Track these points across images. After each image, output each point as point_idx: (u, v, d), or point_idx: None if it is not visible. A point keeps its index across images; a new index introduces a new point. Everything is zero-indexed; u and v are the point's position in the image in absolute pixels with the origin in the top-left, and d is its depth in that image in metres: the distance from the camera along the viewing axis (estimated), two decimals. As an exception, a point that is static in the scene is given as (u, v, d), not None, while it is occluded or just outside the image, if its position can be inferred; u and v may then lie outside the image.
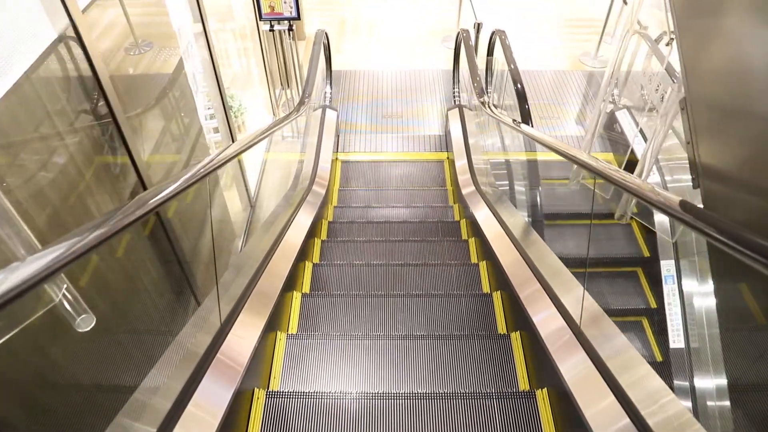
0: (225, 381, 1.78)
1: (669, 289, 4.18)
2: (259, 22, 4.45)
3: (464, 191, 3.81)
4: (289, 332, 2.60)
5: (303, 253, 3.13)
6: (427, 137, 5.32)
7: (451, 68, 6.37)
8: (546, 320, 2.11)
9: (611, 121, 5.28)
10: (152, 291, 2.20)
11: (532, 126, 3.62)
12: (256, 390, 2.07)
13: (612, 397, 1.57)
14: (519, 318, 2.42)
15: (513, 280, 2.52)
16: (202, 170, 1.82)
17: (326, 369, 2.34)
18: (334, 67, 6.35)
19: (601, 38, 6.42)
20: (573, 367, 1.83)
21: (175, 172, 2.85)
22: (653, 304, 4.22)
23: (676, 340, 4.13)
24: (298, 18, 4.36)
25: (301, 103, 3.52)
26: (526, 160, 3.52)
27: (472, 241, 3.44)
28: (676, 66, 4.38)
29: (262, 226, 3.60)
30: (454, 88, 5.49)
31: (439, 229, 3.72)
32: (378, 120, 5.56)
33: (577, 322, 1.87)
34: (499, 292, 2.80)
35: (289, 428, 1.98)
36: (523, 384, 2.26)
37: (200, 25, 3.23)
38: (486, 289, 3.02)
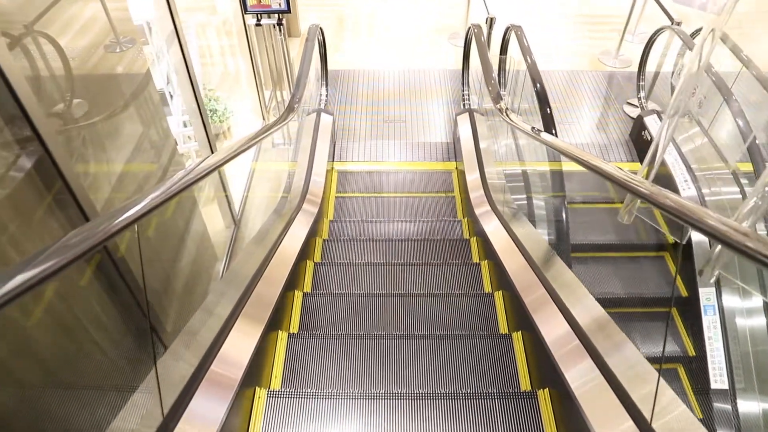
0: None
1: (709, 321, 3.74)
2: (244, 15, 4.03)
3: (478, 211, 3.38)
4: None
5: (291, 282, 2.71)
6: (433, 145, 4.89)
7: (459, 68, 5.94)
8: (590, 392, 1.68)
9: (638, 127, 4.85)
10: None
11: (556, 134, 3.21)
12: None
13: None
14: (548, 373, 1.99)
15: (541, 328, 2.09)
16: (162, 193, 1.41)
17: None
18: (331, 67, 5.93)
19: (623, 36, 5.99)
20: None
21: (131, 193, 2.42)
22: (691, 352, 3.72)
23: (718, 380, 3.67)
24: (288, 11, 3.94)
25: (289, 109, 3.10)
26: (552, 175, 3.08)
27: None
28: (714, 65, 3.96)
29: (243, 252, 3.16)
30: (463, 90, 5.06)
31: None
32: (379, 125, 5.13)
33: (648, 419, 1.43)
34: (520, 332, 2.37)
35: None
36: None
37: (171, 19, 2.81)
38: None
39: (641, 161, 4.87)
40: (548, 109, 3.31)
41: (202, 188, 4.37)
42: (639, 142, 4.86)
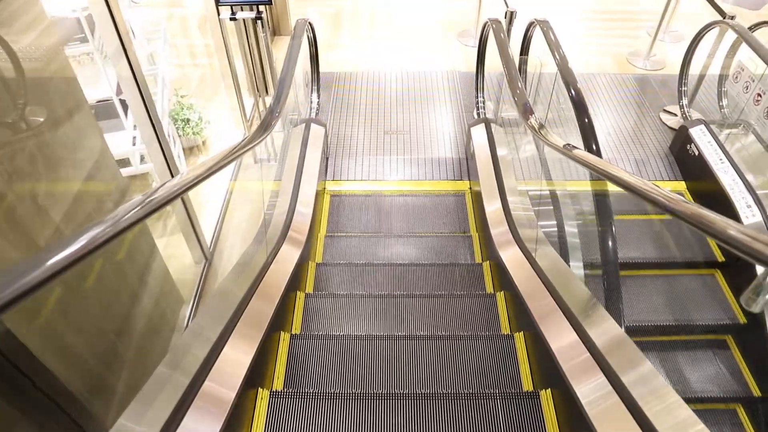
0: None
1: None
2: (218, 7, 3.41)
3: (504, 254, 2.74)
4: None
5: (255, 374, 2.08)
6: (442, 161, 4.26)
7: (471, 70, 5.31)
8: None
9: (682, 140, 4.22)
10: None
11: (599, 150, 2.59)
12: None
13: None
14: None
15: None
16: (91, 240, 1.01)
17: None
18: (325, 69, 5.30)
19: (656, 34, 5.36)
20: None
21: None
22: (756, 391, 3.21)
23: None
24: (269, 2, 3.31)
25: (265, 126, 2.47)
26: (600, 211, 2.45)
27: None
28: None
29: (198, 321, 2.51)
30: (477, 97, 4.44)
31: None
32: (379, 137, 4.50)
33: None
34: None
35: None
36: None
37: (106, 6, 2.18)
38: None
39: (685, 178, 4.25)
40: (586, 119, 2.70)
41: (168, 213, 3.74)
42: (683, 158, 4.22)
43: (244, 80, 4.13)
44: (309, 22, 3.81)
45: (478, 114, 4.40)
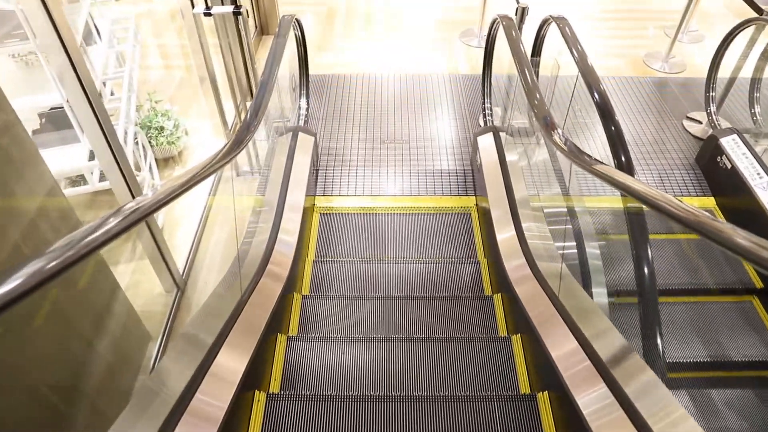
0: None
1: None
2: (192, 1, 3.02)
3: (520, 290, 2.35)
4: None
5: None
6: (446, 173, 3.88)
7: (476, 72, 4.94)
8: None
9: (711, 151, 3.85)
10: None
11: (630, 165, 2.25)
12: None
13: None
14: None
15: None
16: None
17: None
18: (316, 72, 4.92)
19: (676, 34, 5.00)
20: None
21: None
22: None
23: None
24: (249, -4, 2.93)
25: (237, 142, 2.08)
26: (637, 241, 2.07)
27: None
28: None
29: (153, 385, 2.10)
30: (483, 103, 4.06)
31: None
32: (375, 148, 4.12)
33: None
34: None
35: None
36: None
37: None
38: None
39: (715, 193, 3.88)
40: (613, 127, 2.36)
41: (138, 233, 3.35)
42: (712, 170, 3.85)
43: (224, 84, 3.74)
44: (296, 19, 3.43)
45: (485, 121, 4.02)
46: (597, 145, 4.09)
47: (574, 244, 2.36)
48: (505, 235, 2.80)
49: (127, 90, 3.11)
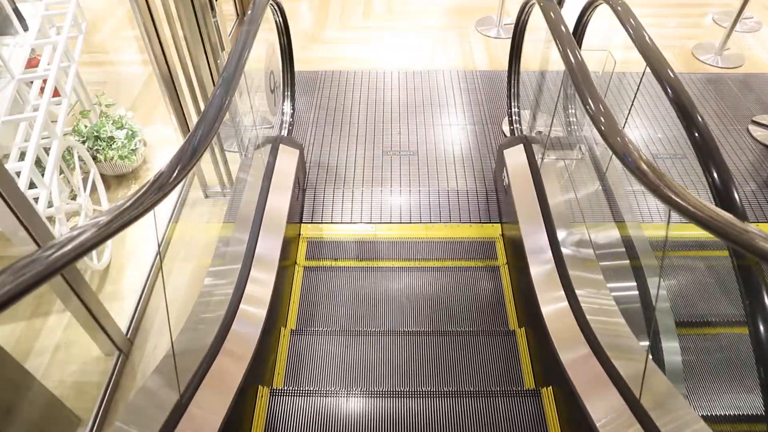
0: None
1: None
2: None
3: (589, 402, 1.64)
4: None
5: None
6: (463, 194, 3.19)
7: (496, 68, 4.25)
8: None
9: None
10: None
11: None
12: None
13: None
14: None
15: None
16: None
17: None
18: (306, 67, 4.23)
19: (734, 24, 4.28)
20: None
21: None
22: None
23: None
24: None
25: (170, 172, 1.39)
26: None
27: None
28: None
29: None
30: (510, 106, 3.35)
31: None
32: (375, 161, 3.42)
33: None
34: None
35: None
36: None
37: None
38: None
39: (796, 219, 3.17)
40: (698, 136, 1.74)
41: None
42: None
43: (186, 82, 3.04)
44: (276, 2, 2.73)
45: (513, 129, 3.31)
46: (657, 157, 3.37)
47: (670, 327, 1.67)
48: (551, 305, 2.09)
49: (50, 93, 2.42)
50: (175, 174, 1.44)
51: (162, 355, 1.87)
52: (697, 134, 1.80)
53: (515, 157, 2.92)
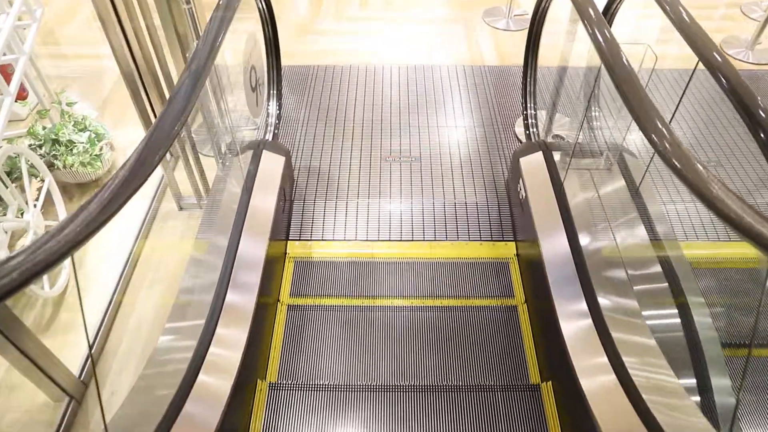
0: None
1: None
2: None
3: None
4: None
5: None
6: (471, 208, 2.83)
7: (505, 63, 3.88)
8: None
9: None
10: None
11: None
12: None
13: None
14: None
15: None
16: None
17: None
18: (297, 61, 3.86)
19: (768, 14, 3.92)
20: None
21: None
22: None
23: None
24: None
25: (101, 203, 1.05)
26: None
27: None
28: None
29: None
30: (527, 108, 2.99)
31: None
32: (373, 168, 3.06)
33: None
34: None
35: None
36: None
37: None
38: None
39: None
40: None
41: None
42: None
43: (153, 79, 2.66)
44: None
45: (529, 134, 2.95)
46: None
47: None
48: (586, 360, 1.74)
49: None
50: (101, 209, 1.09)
51: (119, 404, 1.53)
52: (763, 134, 1.49)
53: (533, 167, 2.56)
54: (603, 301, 1.96)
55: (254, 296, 1.95)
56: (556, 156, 2.53)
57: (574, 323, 1.91)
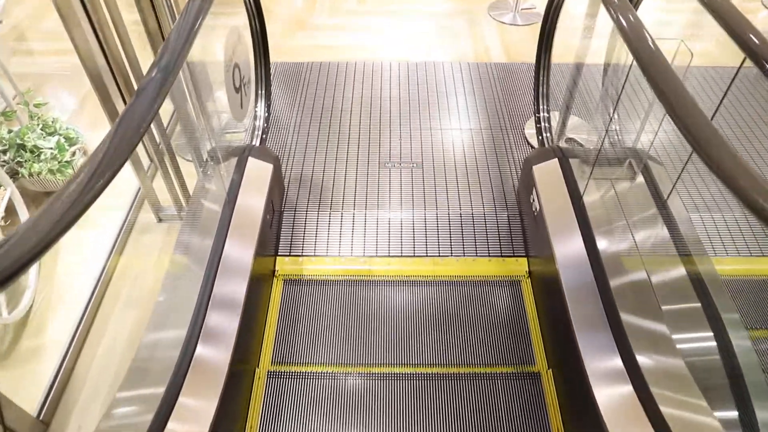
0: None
1: None
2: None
3: None
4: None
5: None
6: (479, 219, 2.59)
7: (513, 60, 3.65)
8: None
9: None
10: None
11: None
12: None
13: None
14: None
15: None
16: None
17: None
18: (289, 58, 3.63)
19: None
20: None
21: None
22: None
23: None
24: None
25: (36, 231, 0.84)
26: None
27: None
28: None
29: None
30: (538, 110, 2.74)
31: None
32: (371, 174, 2.82)
33: None
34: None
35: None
36: None
37: None
38: None
39: None
40: None
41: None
42: None
43: (123, 78, 2.42)
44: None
45: (543, 139, 2.71)
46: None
47: None
48: (608, 388, 1.51)
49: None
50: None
51: None
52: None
53: (548, 176, 2.33)
54: (631, 330, 1.73)
55: (226, 364, 1.69)
56: (574, 164, 2.30)
57: (606, 384, 1.67)
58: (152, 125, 2.29)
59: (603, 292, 1.88)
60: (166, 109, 2.31)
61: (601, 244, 2.01)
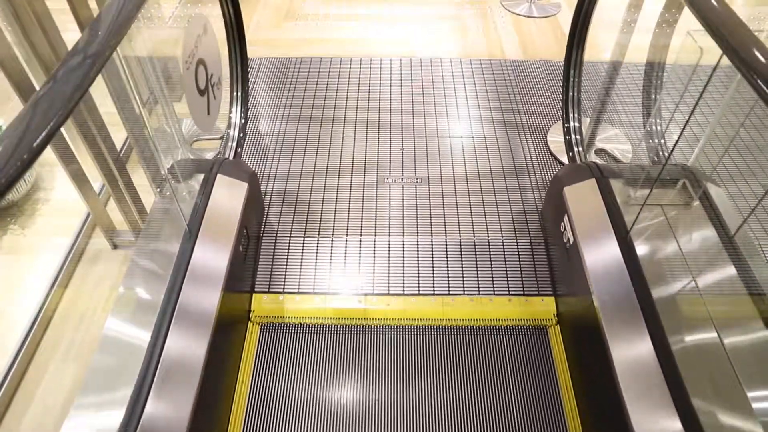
0: None
1: None
2: None
3: None
4: None
5: None
6: (497, 249, 2.18)
7: (531, 57, 3.24)
8: None
9: None
10: None
11: None
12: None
13: None
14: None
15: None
16: None
17: None
18: (273, 53, 3.21)
19: None
20: None
21: None
22: None
23: None
24: None
25: None
26: None
27: None
28: None
29: None
30: (568, 119, 2.33)
31: None
32: (367, 193, 2.41)
33: None
34: None
35: None
36: None
37: None
38: None
39: None
40: None
41: None
42: None
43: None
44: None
45: (574, 154, 2.29)
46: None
47: None
48: None
49: None
50: None
51: None
52: None
53: (583, 200, 1.92)
54: (699, 401, 1.34)
55: (186, 420, 1.30)
56: (616, 186, 1.89)
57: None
58: (99, 136, 1.88)
59: (660, 348, 1.49)
60: (117, 122, 1.89)
61: (656, 288, 1.61)
